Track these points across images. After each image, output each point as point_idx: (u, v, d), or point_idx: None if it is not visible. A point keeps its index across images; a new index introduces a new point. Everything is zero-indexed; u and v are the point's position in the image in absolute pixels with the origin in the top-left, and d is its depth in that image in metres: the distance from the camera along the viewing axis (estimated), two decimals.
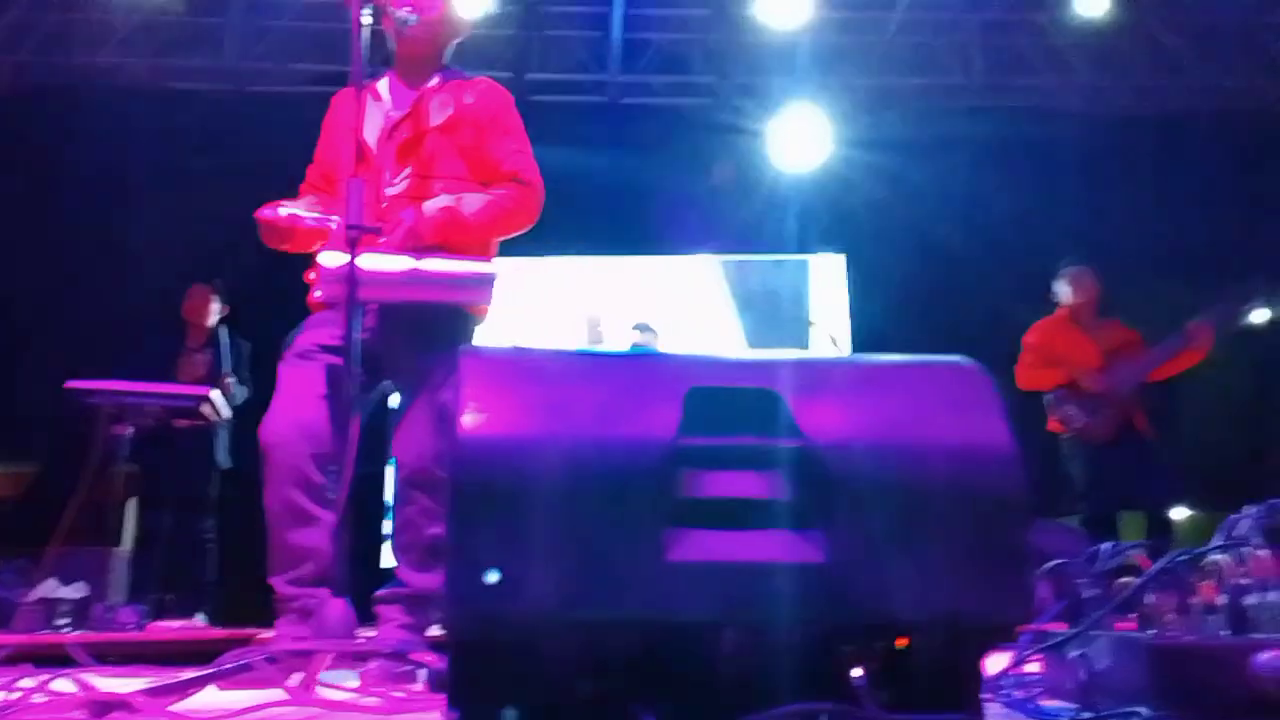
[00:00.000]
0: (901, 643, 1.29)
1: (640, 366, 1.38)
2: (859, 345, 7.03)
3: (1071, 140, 7.17)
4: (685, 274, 7.26)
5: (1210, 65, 7.16)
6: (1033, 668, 1.58)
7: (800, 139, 6.77)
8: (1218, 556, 1.48)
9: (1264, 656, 1.22)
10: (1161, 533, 4.38)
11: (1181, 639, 1.29)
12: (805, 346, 7.05)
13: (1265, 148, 7.41)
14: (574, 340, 6.02)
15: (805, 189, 6.99)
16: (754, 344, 7.06)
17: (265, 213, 2.36)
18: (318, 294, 2.22)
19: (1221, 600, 1.40)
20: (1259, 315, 7.86)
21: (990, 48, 7.10)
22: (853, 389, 1.33)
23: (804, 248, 7.23)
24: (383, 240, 2.14)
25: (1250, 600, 1.39)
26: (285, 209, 2.36)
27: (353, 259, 1.89)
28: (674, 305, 7.05)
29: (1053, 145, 7.12)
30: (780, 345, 7.03)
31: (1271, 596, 1.36)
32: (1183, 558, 1.45)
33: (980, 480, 1.26)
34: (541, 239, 2.72)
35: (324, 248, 2.18)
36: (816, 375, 1.34)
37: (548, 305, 6.97)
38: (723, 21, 6.52)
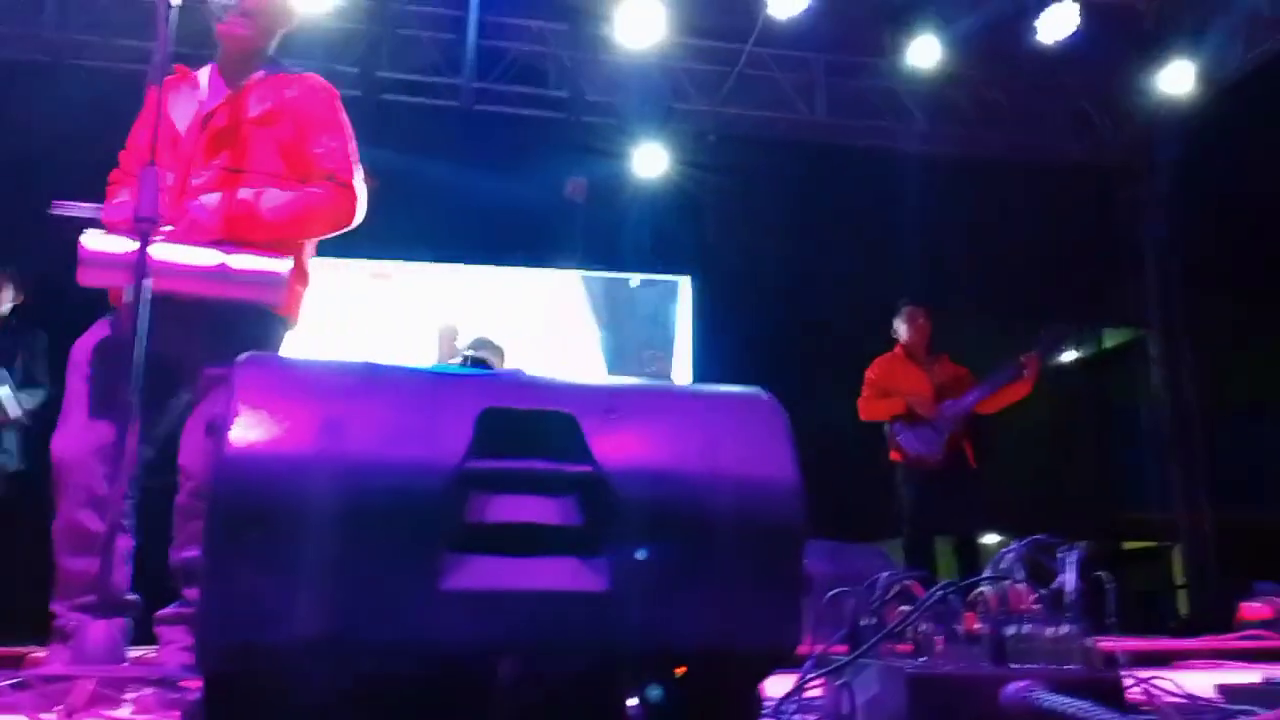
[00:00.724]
0: (680, 671, 1.30)
1: (434, 384, 1.34)
2: (701, 370, 7.18)
3: (910, 180, 7.58)
4: (547, 288, 7.22)
5: (1028, 120, 7.72)
6: (815, 692, 1.62)
7: (651, 160, 6.88)
8: (984, 588, 1.56)
9: (1012, 688, 1.29)
10: (969, 558, 4.65)
11: (937, 669, 1.35)
12: (669, 367, 7.14)
13: (1072, 199, 8.06)
14: (426, 353, 5.85)
15: (656, 210, 7.10)
16: (616, 364, 7.08)
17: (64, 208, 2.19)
18: (89, 281, 2.06)
19: (983, 631, 1.47)
20: (1067, 354, 8.52)
21: (835, 87, 7.41)
22: (647, 416, 1.33)
23: (653, 268, 7.34)
24: (168, 231, 2.02)
25: (1009, 631, 1.47)
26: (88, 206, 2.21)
27: (142, 249, 1.77)
28: (535, 320, 7.00)
29: (892, 184, 7.50)
30: (644, 366, 7.09)
31: (1027, 628, 1.44)
32: (952, 589, 1.52)
33: (761, 511, 1.29)
34: (389, 242, 2.63)
35: (109, 233, 2.03)
36: (613, 400, 1.34)
37: (398, 314, 6.79)
38: (578, 38, 6.55)
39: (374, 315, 6.81)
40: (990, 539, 11.23)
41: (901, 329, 5.15)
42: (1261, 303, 12.29)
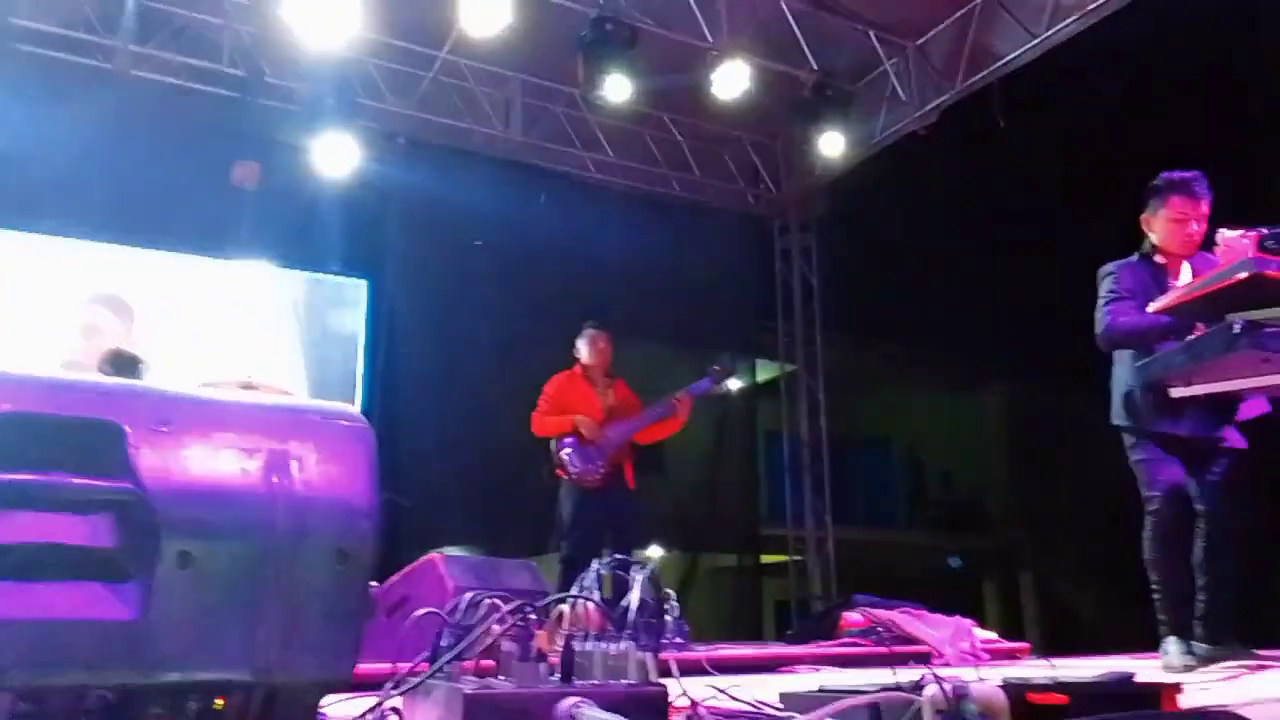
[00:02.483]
0: (220, 702, 1.23)
1: None
2: (374, 379, 6.94)
3: (597, 209, 7.86)
4: (210, 278, 6.60)
5: (707, 166, 8.30)
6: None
7: (335, 155, 6.57)
8: (563, 606, 1.61)
9: (563, 706, 1.34)
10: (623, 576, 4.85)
11: (495, 689, 1.38)
12: (353, 371, 6.79)
13: (739, 243, 8.77)
14: (64, 334, 5.10)
15: (337, 209, 6.80)
16: (300, 364, 6.63)
17: None
18: None
19: (556, 649, 1.53)
20: (729, 385, 9.20)
21: (532, 109, 7.53)
22: (207, 430, 1.25)
23: (329, 269, 7.01)
24: None
25: (579, 648, 1.53)
26: None
27: None
28: (197, 312, 6.36)
29: (581, 210, 7.74)
30: (326, 369, 6.70)
31: (591, 645, 1.51)
32: (529, 608, 1.56)
33: (324, 535, 1.25)
34: (28, 212, 2.25)
35: None
36: (169, 411, 1.24)
37: (36, 290, 5.90)
38: (261, 15, 6.11)
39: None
40: (655, 553, 11.89)
41: (583, 350, 5.31)
42: (886, 349, 14.10)
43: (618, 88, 6.91)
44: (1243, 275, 2.78)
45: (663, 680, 1.54)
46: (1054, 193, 9.18)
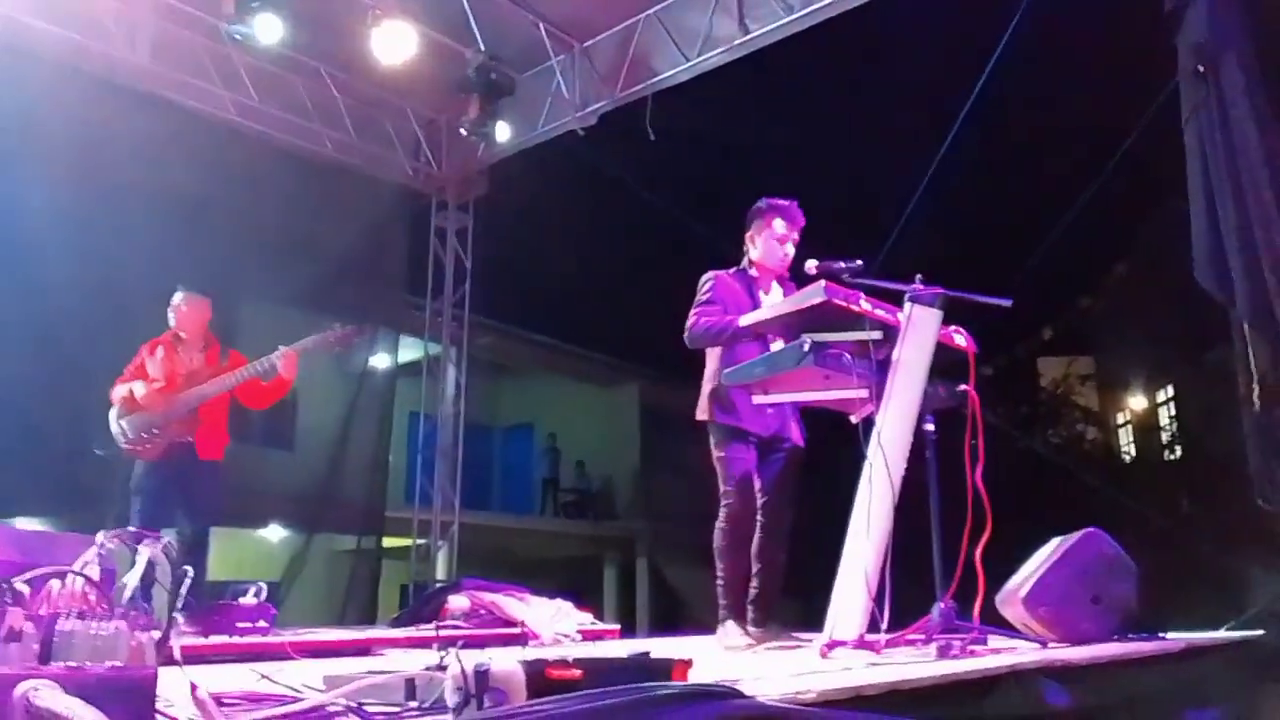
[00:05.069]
0: None
1: None
2: None
3: (234, 155, 7.20)
4: None
5: (366, 129, 7.95)
6: None
7: None
8: (55, 583, 1.43)
9: (21, 689, 1.17)
10: (198, 549, 4.45)
11: None
12: None
13: (396, 214, 8.51)
14: None
15: None
16: None
17: None
18: None
19: (29, 628, 1.34)
20: (369, 359, 8.87)
21: (165, 32, 6.74)
22: None
23: None
24: None
25: (63, 628, 1.35)
26: None
27: None
28: None
29: (214, 155, 7.06)
30: None
31: (78, 625, 1.34)
32: (3, 583, 1.36)
33: None
34: None
35: None
36: None
37: None
38: None
39: None
40: (276, 534, 11.19)
41: (170, 314, 4.81)
42: (534, 339, 14.45)
43: (268, 27, 6.40)
44: (815, 301, 3.15)
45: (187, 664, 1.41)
46: (689, 205, 9.88)
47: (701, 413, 3.72)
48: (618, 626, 5.54)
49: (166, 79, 6.81)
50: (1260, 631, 3.76)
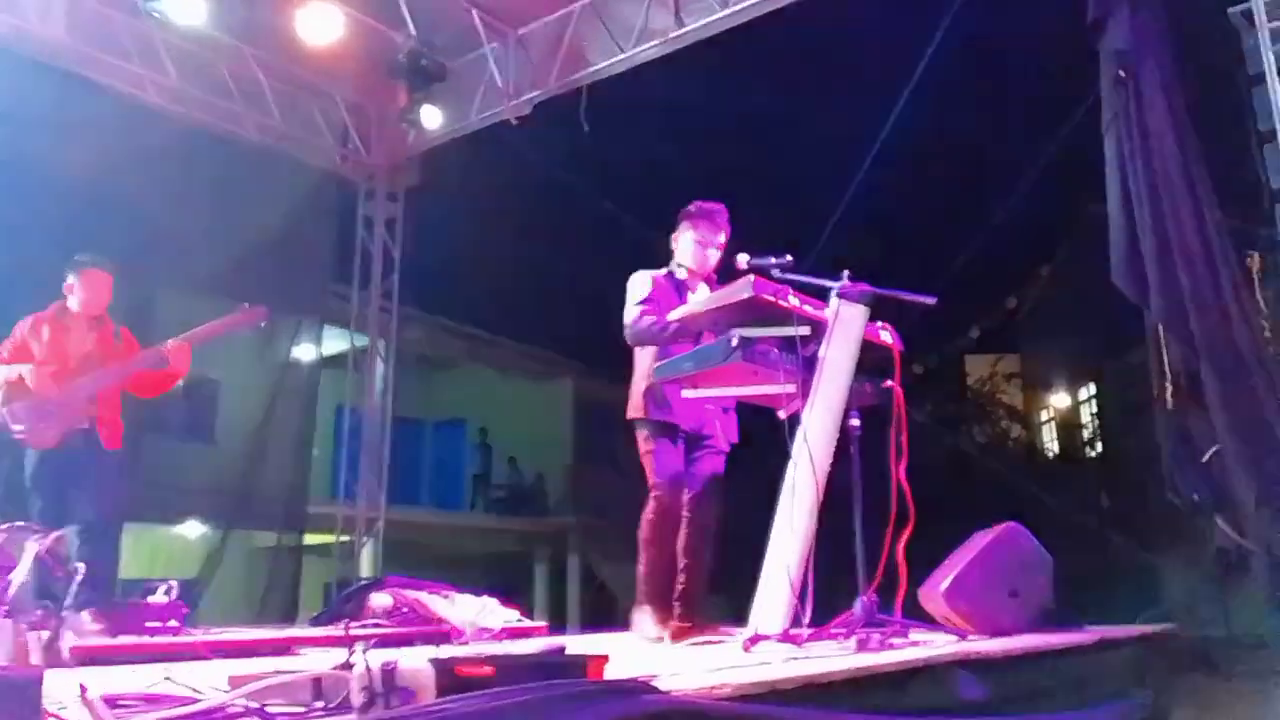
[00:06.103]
0: None
1: None
2: None
3: (151, 136, 6.93)
4: None
5: (289, 113, 7.72)
6: None
7: None
8: None
9: None
10: (105, 544, 4.23)
11: None
12: None
13: (320, 201, 8.30)
14: None
15: None
16: None
17: None
18: None
19: None
20: (295, 354, 8.63)
21: (81, 7, 6.44)
22: None
23: None
24: None
25: None
26: None
27: None
28: None
29: (131, 136, 6.77)
30: None
31: None
32: None
33: None
34: None
35: None
36: None
37: None
38: None
39: None
40: (194, 530, 10.85)
41: (79, 285, 4.45)
42: (465, 331, 14.25)
43: (188, 6, 6.18)
44: (744, 295, 3.13)
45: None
46: (624, 200, 9.83)
47: (634, 410, 3.68)
48: (545, 624, 5.47)
49: (81, 54, 6.51)
50: (1172, 624, 3.87)
